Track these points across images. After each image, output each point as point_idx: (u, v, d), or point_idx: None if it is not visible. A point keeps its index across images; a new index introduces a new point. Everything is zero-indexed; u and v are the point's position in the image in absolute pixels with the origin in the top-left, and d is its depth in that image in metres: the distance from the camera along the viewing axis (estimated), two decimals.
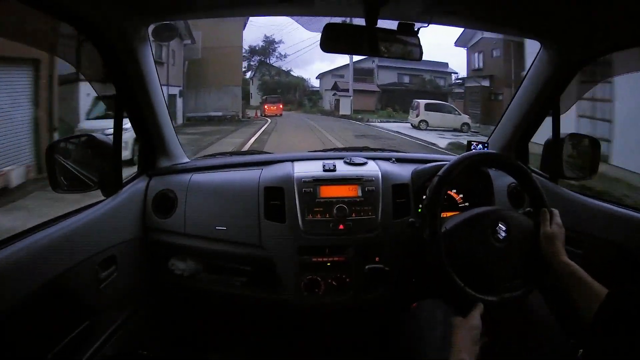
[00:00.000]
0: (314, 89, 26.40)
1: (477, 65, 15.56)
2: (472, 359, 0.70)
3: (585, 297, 0.73)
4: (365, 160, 1.25)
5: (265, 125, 13.61)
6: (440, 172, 0.94)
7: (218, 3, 1.02)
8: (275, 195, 1.14)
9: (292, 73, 27.50)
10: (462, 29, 12.19)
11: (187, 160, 1.36)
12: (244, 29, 17.52)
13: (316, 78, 26.61)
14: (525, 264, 0.89)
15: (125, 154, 1.38)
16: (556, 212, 0.90)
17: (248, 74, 27.80)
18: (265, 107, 17.51)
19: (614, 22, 0.91)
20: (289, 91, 25.12)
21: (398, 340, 0.96)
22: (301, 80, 26.59)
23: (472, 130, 12.79)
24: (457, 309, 0.92)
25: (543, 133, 1.26)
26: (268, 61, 28.45)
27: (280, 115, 17.00)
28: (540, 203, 0.92)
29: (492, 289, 0.86)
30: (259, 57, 28.59)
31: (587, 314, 0.71)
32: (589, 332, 0.68)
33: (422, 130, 12.96)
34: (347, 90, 19.79)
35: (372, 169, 1.21)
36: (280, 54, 28.58)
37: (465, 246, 0.88)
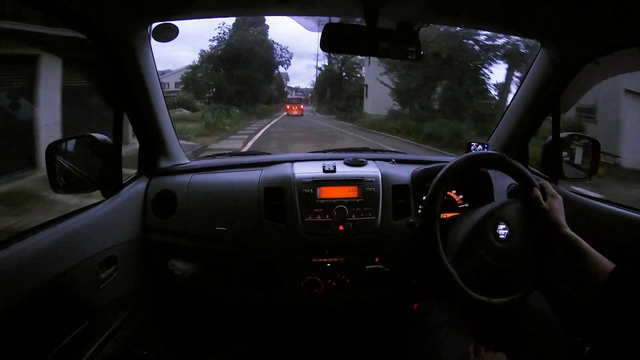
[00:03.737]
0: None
1: None
2: None
3: (591, 269, 0.73)
4: (365, 161, 1.25)
5: None
6: (439, 173, 0.93)
7: (218, 3, 1.02)
8: (275, 196, 1.14)
9: None
10: None
11: (187, 161, 1.36)
12: None
13: None
14: (526, 263, 0.89)
15: None
16: (546, 183, 0.87)
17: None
18: (288, 107, 16.33)
19: (614, 22, 0.91)
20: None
21: (398, 340, 0.96)
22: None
23: None
24: (459, 309, 0.93)
25: None
26: None
27: (302, 115, 15.56)
28: (529, 184, 0.90)
29: (495, 290, 0.86)
30: None
31: (592, 286, 0.70)
32: (595, 303, 0.68)
33: None
34: None
35: (372, 170, 1.21)
36: None
37: (467, 248, 0.88)
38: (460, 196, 1.24)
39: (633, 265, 0.96)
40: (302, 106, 16.71)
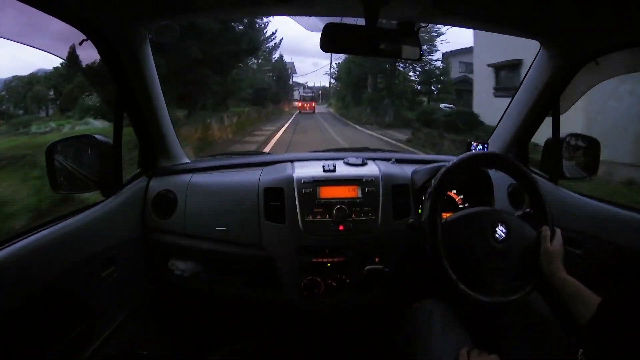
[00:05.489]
0: None
1: None
2: None
3: (582, 308, 0.75)
4: (365, 161, 1.25)
5: None
6: (440, 173, 0.94)
7: (218, 3, 1.02)
8: (275, 196, 1.14)
9: None
10: None
11: (187, 160, 1.36)
12: None
13: None
14: (523, 268, 0.89)
15: None
16: (558, 231, 0.90)
17: None
18: (299, 104, 17.55)
19: (614, 21, 0.91)
20: None
21: (398, 340, 0.96)
22: None
23: None
24: (456, 309, 0.93)
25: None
26: None
27: (313, 112, 16.70)
28: (543, 218, 0.92)
29: (486, 289, 0.86)
30: None
31: (582, 323, 0.72)
32: (583, 340, 0.69)
33: None
34: None
35: (372, 169, 1.21)
36: None
37: (463, 241, 0.88)
38: (461, 196, 1.24)
39: (632, 266, 0.96)
40: (313, 104, 17.63)
